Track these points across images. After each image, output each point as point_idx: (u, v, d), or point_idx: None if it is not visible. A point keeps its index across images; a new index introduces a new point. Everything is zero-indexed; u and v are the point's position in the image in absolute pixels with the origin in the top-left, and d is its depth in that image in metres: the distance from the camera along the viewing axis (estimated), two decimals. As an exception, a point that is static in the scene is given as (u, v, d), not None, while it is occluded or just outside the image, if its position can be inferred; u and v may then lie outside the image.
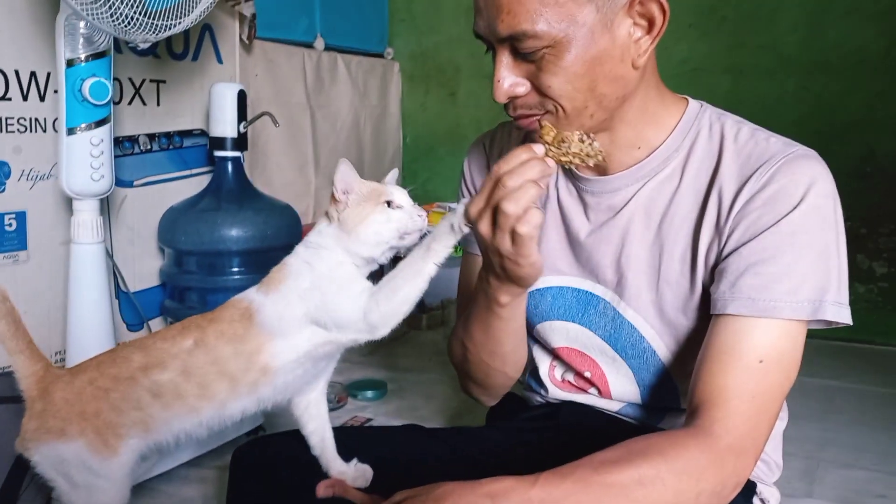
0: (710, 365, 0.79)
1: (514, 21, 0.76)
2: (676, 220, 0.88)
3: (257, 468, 0.96)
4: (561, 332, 0.99)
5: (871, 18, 2.29)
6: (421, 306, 2.57)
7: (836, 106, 2.35)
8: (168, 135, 1.91)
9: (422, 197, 3.19)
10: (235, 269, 1.79)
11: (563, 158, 0.80)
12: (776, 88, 2.40)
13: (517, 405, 1.12)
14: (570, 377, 1.02)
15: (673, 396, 0.94)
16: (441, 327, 2.45)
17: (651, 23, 0.80)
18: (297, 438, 1.02)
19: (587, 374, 0.99)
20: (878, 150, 2.33)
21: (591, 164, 0.82)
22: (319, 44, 2.48)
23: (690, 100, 0.91)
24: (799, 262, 0.78)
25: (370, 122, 2.78)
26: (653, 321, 0.91)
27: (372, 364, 2.13)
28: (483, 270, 0.88)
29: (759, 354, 0.77)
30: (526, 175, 0.75)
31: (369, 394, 1.85)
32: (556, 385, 1.04)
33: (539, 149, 0.79)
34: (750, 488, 0.94)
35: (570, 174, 0.96)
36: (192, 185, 1.95)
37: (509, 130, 1.05)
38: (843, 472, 1.51)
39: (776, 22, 2.40)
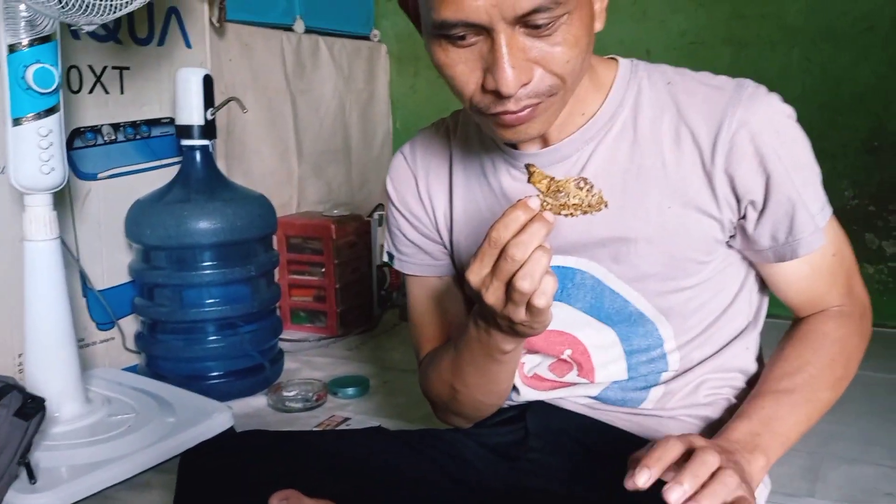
0: (805, 299, 0.87)
1: None
2: (642, 173, 0.82)
3: (206, 473, 0.87)
4: None
5: (878, -16, 2.17)
6: (411, 297, 2.48)
7: (842, 77, 2.23)
8: (134, 124, 1.82)
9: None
10: (207, 264, 1.71)
11: (564, 212, 0.76)
12: (780, 60, 2.28)
13: None
14: (543, 369, 0.94)
15: (659, 361, 0.88)
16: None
17: None
18: (256, 439, 0.95)
19: (566, 355, 0.91)
20: (887, 123, 2.21)
21: (592, 212, 0.80)
22: (299, 26, 2.38)
23: (620, 58, 0.86)
24: (811, 185, 0.82)
25: (356, 108, 2.68)
26: (636, 284, 0.85)
27: (357, 359, 2.04)
28: (480, 322, 0.80)
29: (829, 253, 0.85)
30: (532, 243, 0.67)
31: (350, 391, 1.77)
32: (526, 383, 0.96)
33: (534, 202, 0.69)
34: None
35: (508, 156, 0.88)
36: (162, 176, 1.86)
37: (429, 136, 0.98)
38: (849, 468, 1.41)
39: (778, -10, 2.28)
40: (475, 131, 0.92)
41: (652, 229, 0.82)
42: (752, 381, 0.89)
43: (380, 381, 1.85)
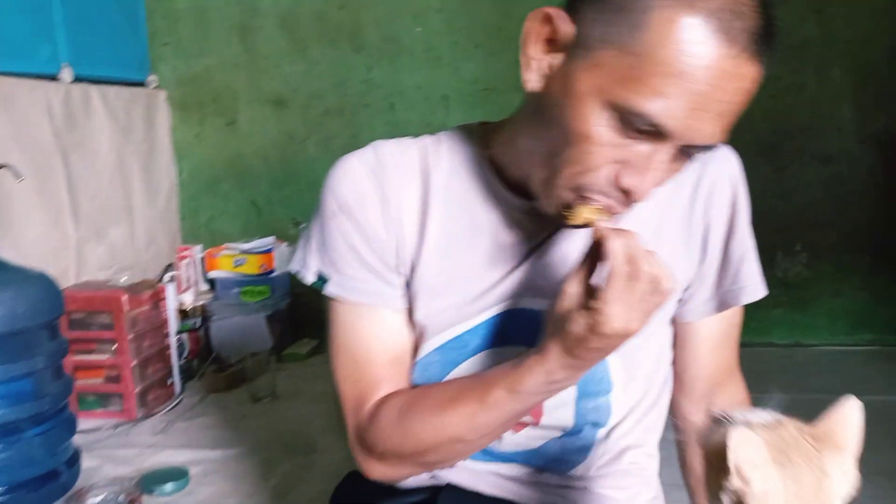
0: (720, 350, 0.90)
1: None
2: None
3: None
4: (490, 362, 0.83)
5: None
6: (219, 364, 2.29)
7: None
8: None
9: (207, 239, 2.87)
10: (-18, 361, 1.44)
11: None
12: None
13: (372, 485, 0.89)
14: None
15: (603, 409, 0.84)
16: (244, 384, 2.19)
17: None
18: None
19: None
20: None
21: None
22: (66, 74, 2.12)
23: None
24: None
25: (137, 160, 2.44)
26: None
27: (167, 445, 1.83)
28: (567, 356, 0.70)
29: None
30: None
31: (168, 487, 1.57)
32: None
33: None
34: None
35: (507, 203, 0.82)
36: (-90, 259, 1.55)
37: (398, 153, 0.84)
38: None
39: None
40: (468, 165, 0.83)
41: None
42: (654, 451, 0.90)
43: (200, 470, 1.67)
